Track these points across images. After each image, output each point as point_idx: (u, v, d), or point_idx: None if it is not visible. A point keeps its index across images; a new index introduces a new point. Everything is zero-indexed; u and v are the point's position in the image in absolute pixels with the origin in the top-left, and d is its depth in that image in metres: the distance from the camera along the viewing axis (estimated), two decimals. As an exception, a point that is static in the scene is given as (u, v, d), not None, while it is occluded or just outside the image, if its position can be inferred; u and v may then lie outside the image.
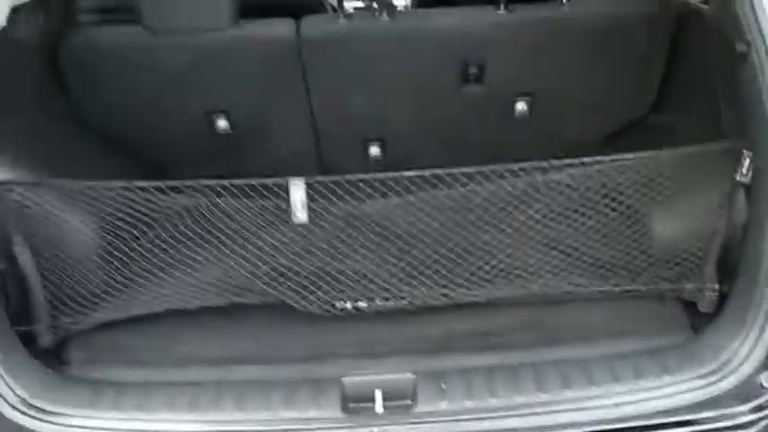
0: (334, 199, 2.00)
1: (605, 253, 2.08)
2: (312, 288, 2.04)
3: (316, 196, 1.99)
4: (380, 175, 1.97)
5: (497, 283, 2.05)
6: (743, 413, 1.79)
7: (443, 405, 1.78)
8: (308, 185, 1.97)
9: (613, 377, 1.82)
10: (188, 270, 2.07)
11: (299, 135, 2.66)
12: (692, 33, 2.45)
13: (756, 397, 1.79)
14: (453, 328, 2.04)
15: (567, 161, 1.99)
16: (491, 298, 2.05)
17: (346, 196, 2.00)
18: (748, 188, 1.94)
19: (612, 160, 1.99)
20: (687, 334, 1.98)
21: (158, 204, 2.01)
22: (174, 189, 2.01)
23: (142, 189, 1.99)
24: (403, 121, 2.63)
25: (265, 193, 1.99)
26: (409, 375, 1.84)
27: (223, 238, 2.03)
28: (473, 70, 2.49)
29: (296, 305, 2.03)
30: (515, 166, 1.97)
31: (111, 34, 2.76)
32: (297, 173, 2.68)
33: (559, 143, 2.72)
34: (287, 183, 1.96)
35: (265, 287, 2.03)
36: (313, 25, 2.44)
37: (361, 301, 2.07)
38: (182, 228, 2.03)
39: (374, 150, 2.72)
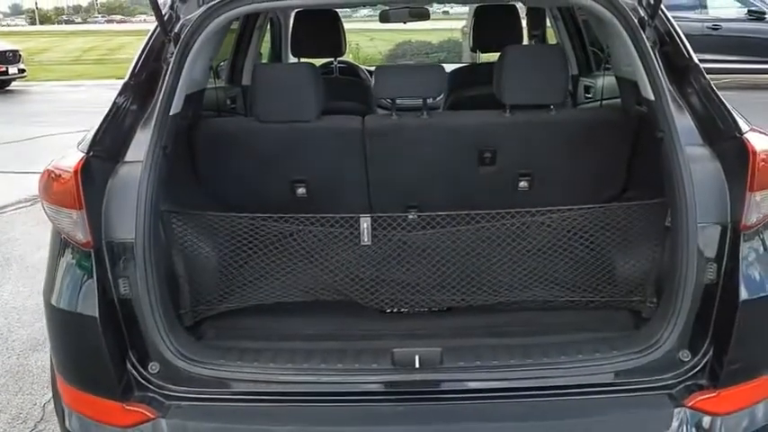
0: (390, 230, 2.94)
1: (577, 274, 2.97)
2: (373, 290, 2.95)
3: (378, 227, 2.94)
4: (423, 215, 2.92)
5: (501, 293, 2.94)
6: (668, 378, 2.62)
7: (460, 363, 2.64)
8: (373, 219, 2.92)
9: (578, 351, 2.67)
10: (288, 275, 3.00)
11: (357, 201, 3.60)
12: (645, 130, 3.42)
13: (678, 368, 2.63)
14: (469, 322, 2.93)
15: (547, 208, 2.92)
16: (496, 303, 2.94)
17: (398, 228, 2.94)
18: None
19: (579, 209, 2.92)
20: (632, 331, 2.84)
21: (269, 230, 2.96)
22: (280, 219, 2.97)
23: (262, 219, 2.95)
24: (434, 192, 3.56)
25: (343, 224, 2.95)
26: (438, 349, 2.70)
27: (313, 254, 2.97)
28: (487, 155, 3.43)
29: (361, 302, 2.94)
30: (513, 210, 2.91)
31: (224, 123, 3.83)
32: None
33: None
34: (358, 217, 2.91)
35: (340, 289, 2.95)
36: (374, 120, 3.47)
37: (403, 306, 2.98)
38: (285, 246, 2.98)
39: (411, 216, 3.67)
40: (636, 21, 2.84)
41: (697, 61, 2.87)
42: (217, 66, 5.75)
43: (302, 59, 4.92)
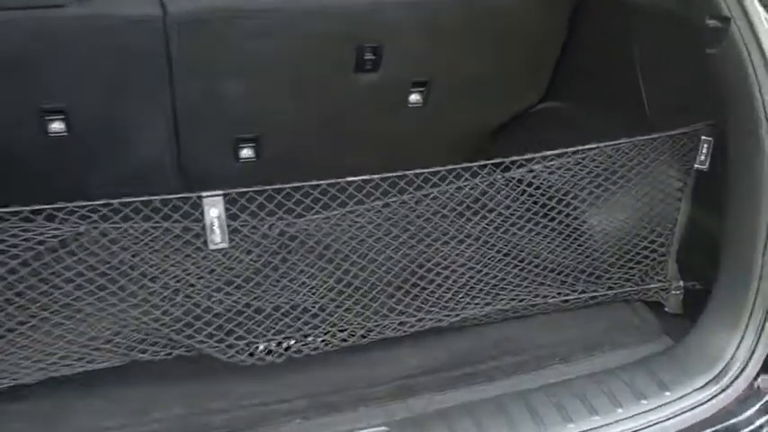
0: (262, 215, 1.56)
1: (567, 258, 1.84)
2: (240, 332, 1.59)
3: (237, 212, 1.54)
4: (322, 183, 1.57)
5: (460, 305, 1.74)
6: (751, 419, 1.64)
7: None
8: (229, 200, 1.52)
9: (613, 402, 1.58)
10: (66, 324, 1.52)
11: (155, 137, 2.22)
12: (594, 17, 2.34)
13: (757, 401, 1.65)
14: (417, 362, 1.70)
15: (529, 156, 1.72)
16: (455, 322, 1.73)
17: (277, 210, 1.57)
18: (706, 174, 1.83)
19: (575, 152, 1.75)
20: (664, 340, 1.80)
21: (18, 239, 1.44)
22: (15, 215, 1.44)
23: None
24: (283, 115, 2.29)
25: (167, 212, 1.51)
26: (383, 429, 1.47)
27: (113, 275, 1.51)
28: (369, 55, 2.20)
29: (221, 356, 1.57)
30: (480, 163, 1.67)
31: None
32: (151, 183, 2.26)
33: (451, 133, 2.57)
34: (199, 199, 1.49)
35: (177, 338, 1.55)
36: (182, 1, 1.99)
37: (298, 348, 1.65)
38: (52, 269, 1.48)
39: (246, 152, 2.35)
40: None
41: None
42: None
43: None
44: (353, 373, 1.65)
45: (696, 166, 1.83)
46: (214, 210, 1.50)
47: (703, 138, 1.81)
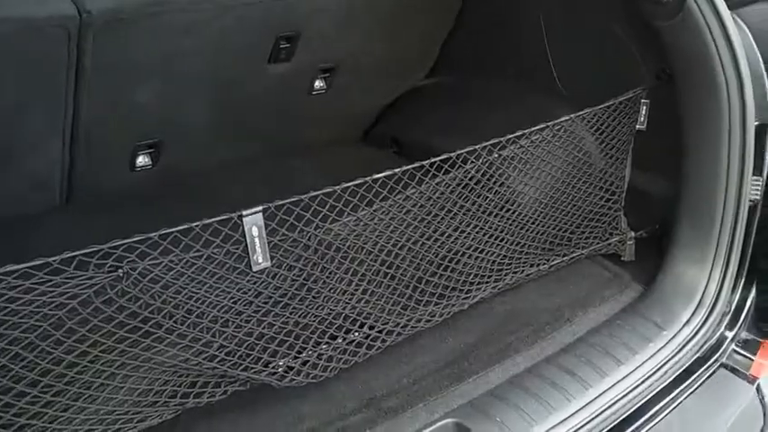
0: (295, 223, 1.45)
1: (550, 227, 1.93)
2: (291, 353, 1.47)
3: (271, 224, 1.41)
4: (350, 185, 1.48)
5: (473, 287, 1.76)
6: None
7: None
8: (268, 213, 1.38)
9: (630, 350, 1.73)
10: (110, 384, 1.30)
11: (46, 155, 1.97)
12: None
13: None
14: (450, 347, 1.70)
15: (517, 133, 1.76)
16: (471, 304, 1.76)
17: (313, 219, 1.47)
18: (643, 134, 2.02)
19: (543, 128, 1.82)
20: (635, 287, 1.97)
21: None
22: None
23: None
24: (186, 117, 2.16)
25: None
26: (450, 421, 1.49)
27: (157, 319, 1.31)
28: (283, 44, 2.15)
29: (277, 383, 1.44)
30: (486, 144, 1.68)
31: None
32: (32, 202, 2.00)
33: (348, 113, 2.64)
34: (240, 219, 1.34)
35: (232, 372, 1.39)
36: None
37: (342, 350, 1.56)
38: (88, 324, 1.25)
39: (142, 160, 2.18)
40: None
41: None
42: None
43: None
44: (398, 371, 1.62)
45: (637, 126, 2.01)
46: (255, 228, 1.37)
47: (642, 101, 1.99)
